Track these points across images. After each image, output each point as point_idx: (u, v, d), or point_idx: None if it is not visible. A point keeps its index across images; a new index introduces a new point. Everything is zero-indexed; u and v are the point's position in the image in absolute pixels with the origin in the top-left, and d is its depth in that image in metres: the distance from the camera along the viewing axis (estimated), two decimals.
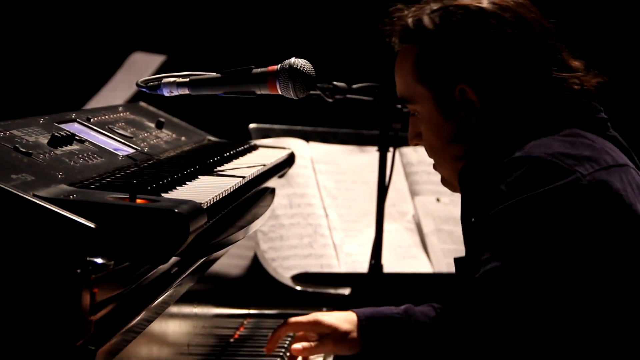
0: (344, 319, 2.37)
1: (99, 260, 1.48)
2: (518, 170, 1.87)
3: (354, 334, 2.37)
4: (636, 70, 4.38)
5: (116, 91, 4.26)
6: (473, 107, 2.00)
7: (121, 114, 2.52)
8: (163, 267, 1.88)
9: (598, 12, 4.42)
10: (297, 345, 2.31)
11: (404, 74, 2.07)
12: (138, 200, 1.62)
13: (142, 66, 4.30)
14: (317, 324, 2.33)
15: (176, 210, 1.57)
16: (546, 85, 2.01)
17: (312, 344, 2.38)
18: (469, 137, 2.02)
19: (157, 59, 4.30)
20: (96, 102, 4.12)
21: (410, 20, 2.05)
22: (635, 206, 1.88)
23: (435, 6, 2.03)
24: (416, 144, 2.15)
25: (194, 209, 1.64)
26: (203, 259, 2.12)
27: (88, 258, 1.47)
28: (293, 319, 2.37)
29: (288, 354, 2.48)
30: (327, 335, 2.36)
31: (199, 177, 2.08)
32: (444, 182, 2.16)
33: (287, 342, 2.58)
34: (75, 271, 1.44)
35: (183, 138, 2.64)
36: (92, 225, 1.51)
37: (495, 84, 1.99)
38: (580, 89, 2.02)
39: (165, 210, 1.58)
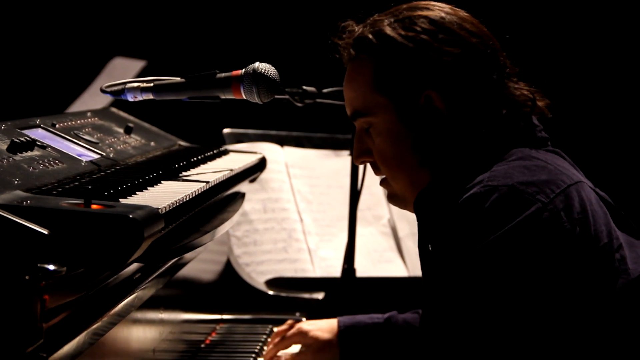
0: (326, 329, 2.51)
1: (51, 267, 1.47)
2: (479, 205, 1.84)
3: (334, 343, 2.45)
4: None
5: (96, 96, 4.25)
6: (438, 114, 1.99)
7: (89, 120, 2.51)
8: (125, 273, 1.88)
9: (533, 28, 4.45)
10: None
11: (360, 85, 2.03)
12: (93, 206, 1.62)
13: (122, 71, 4.29)
14: (301, 334, 2.52)
15: (130, 216, 1.57)
16: (503, 99, 2.01)
17: (293, 355, 2.50)
18: (429, 145, 2.01)
19: (137, 64, 4.29)
20: (76, 108, 4.10)
21: (367, 33, 2.03)
22: (595, 226, 1.89)
23: (392, 18, 2.02)
24: (363, 162, 2.12)
25: (150, 215, 1.63)
26: (169, 263, 2.12)
27: (39, 264, 1.46)
28: (277, 330, 2.55)
29: (259, 358, 2.51)
30: (308, 346, 2.50)
31: (162, 182, 2.07)
32: (393, 198, 2.11)
33: (258, 348, 2.58)
34: (24, 278, 1.43)
35: (152, 143, 2.63)
36: (44, 231, 1.50)
37: (460, 91, 1.98)
38: (531, 108, 2.02)
39: (119, 216, 1.57)
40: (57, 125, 2.26)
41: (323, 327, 2.52)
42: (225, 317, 2.85)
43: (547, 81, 2.12)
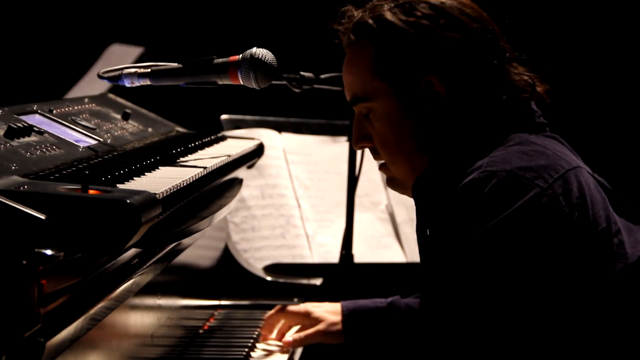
0: (332, 311, 2.55)
1: (48, 252, 1.47)
2: (478, 190, 1.84)
3: (339, 326, 2.49)
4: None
5: (94, 83, 4.24)
6: (439, 99, 1.99)
7: (86, 106, 2.51)
8: (123, 258, 1.88)
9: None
10: (288, 338, 2.53)
11: (359, 71, 2.03)
12: (91, 191, 1.61)
13: (120, 58, 4.28)
14: (308, 314, 2.55)
15: (128, 201, 1.57)
16: (503, 85, 2.01)
17: (302, 335, 2.54)
18: (429, 131, 2.01)
19: (135, 51, 4.28)
20: (74, 94, 4.10)
21: (367, 18, 2.02)
22: (593, 210, 1.89)
23: (392, 3, 2.01)
24: (362, 147, 2.12)
25: (148, 200, 1.63)
26: (167, 249, 2.12)
27: (37, 249, 1.46)
28: (289, 308, 2.58)
29: (257, 343, 2.52)
30: (315, 326, 2.52)
31: (160, 167, 2.07)
32: (393, 183, 2.11)
33: (256, 334, 2.59)
34: (22, 262, 1.43)
35: (150, 129, 2.63)
36: (42, 216, 1.50)
37: (460, 76, 1.98)
38: (530, 93, 2.02)
39: (117, 201, 1.57)
40: (54, 111, 2.25)
41: (329, 309, 2.56)
42: (223, 302, 2.85)
43: (545, 66, 2.11)
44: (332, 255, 3.17)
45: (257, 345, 2.53)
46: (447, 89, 1.98)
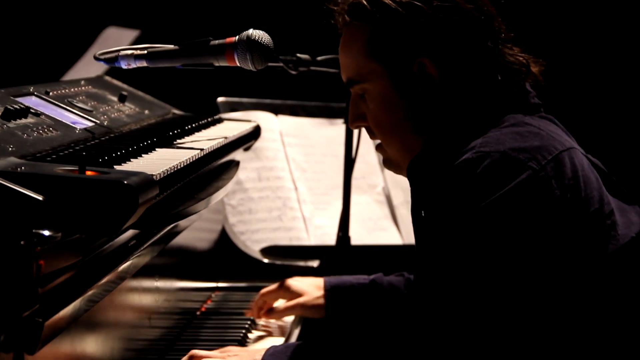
0: (313, 285, 2.55)
1: (46, 232, 1.47)
2: (471, 171, 1.85)
3: (321, 300, 2.48)
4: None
5: (90, 66, 4.23)
6: (431, 81, 1.99)
7: (83, 88, 2.51)
8: (120, 240, 1.88)
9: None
10: (269, 312, 2.54)
11: (354, 52, 2.03)
12: (88, 172, 1.62)
13: (116, 41, 4.26)
14: (287, 288, 2.55)
15: (125, 182, 1.57)
16: (498, 65, 2.01)
17: (281, 306, 2.55)
18: (423, 113, 2.01)
19: (131, 34, 4.27)
20: (70, 77, 4.09)
21: None
22: (586, 191, 1.90)
23: None
24: (358, 127, 2.12)
25: (145, 181, 1.63)
26: (164, 231, 2.12)
27: (34, 230, 1.47)
28: (264, 290, 2.57)
29: (254, 325, 2.53)
30: (297, 299, 2.53)
31: (157, 149, 2.07)
32: (388, 163, 2.12)
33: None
34: (19, 243, 1.43)
35: (146, 111, 2.63)
36: (39, 197, 1.51)
37: (453, 58, 1.98)
38: (525, 74, 2.02)
39: (114, 182, 1.57)
40: (50, 93, 2.25)
41: (312, 283, 2.56)
42: (220, 285, 2.86)
43: (541, 46, 2.11)
44: (329, 237, 3.18)
45: (254, 327, 2.54)
46: (439, 71, 1.98)
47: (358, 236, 3.12)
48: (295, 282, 2.57)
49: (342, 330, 2.52)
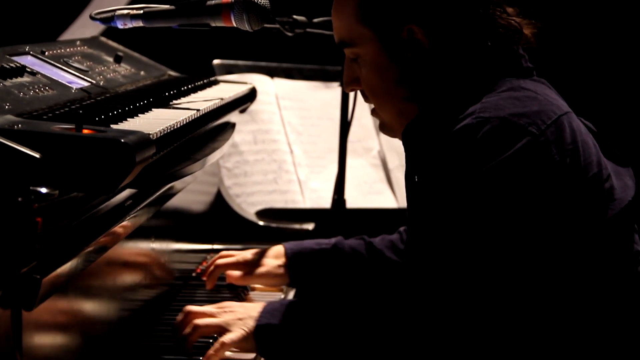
0: (272, 254, 2.48)
1: (43, 190, 1.47)
2: (471, 136, 1.84)
3: (282, 269, 2.44)
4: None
5: (85, 28, 4.21)
6: (421, 48, 1.98)
7: (78, 48, 2.50)
8: (117, 199, 1.88)
9: None
10: (233, 273, 2.46)
11: (345, 16, 2.01)
12: (85, 131, 1.61)
13: (111, 3, 4.24)
14: (245, 262, 2.47)
15: (122, 140, 1.57)
16: (490, 30, 1.99)
17: (238, 282, 2.47)
18: (415, 79, 1.99)
19: None
20: (66, 37, 4.07)
21: None
22: (585, 156, 1.90)
23: None
24: (352, 90, 2.12)
25: (142, 140, 1.63)
26: (160, 191, 2.13)
27: (32, 187, 1.47)
28: (220, 261, 2.48)
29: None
30: (257, 269, 2.46)
31: (153, 109, 2.07)
32: (383, 127, 2.11)
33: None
34: (17, 200, 1.44)
35: (142, 73, 2.62)
36: (36, 155, 1.50)
37: (443, 24, 1.96)
38: (519, 37, 2.01)
39: (111, 140, 1.57)
40: (46, 53, 2.24)
41: (270, 253, 2.50)
42: (215, 247, 2.87)
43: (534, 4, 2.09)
44: (324, 200, 3.18)
45: (250, 288, 2.55)
46: (428, 38, 1.97)
47: (353, 199, 3.12)
48: (251, 255, 2.48)
49: (339, 288, 2.50)
